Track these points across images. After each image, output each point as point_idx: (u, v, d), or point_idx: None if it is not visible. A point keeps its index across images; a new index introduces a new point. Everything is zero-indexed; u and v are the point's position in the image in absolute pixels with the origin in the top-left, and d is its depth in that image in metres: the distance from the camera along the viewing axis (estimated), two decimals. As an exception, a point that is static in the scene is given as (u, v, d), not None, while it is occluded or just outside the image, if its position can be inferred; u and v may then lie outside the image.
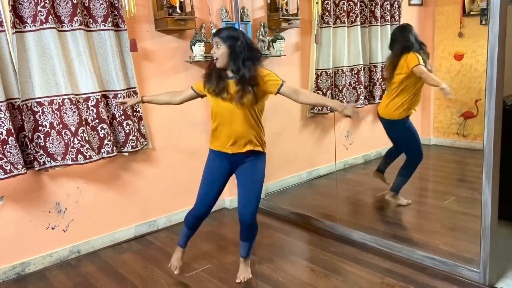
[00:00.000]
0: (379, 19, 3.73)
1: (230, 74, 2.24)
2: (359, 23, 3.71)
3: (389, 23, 3.78)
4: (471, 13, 3.84)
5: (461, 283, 2.34)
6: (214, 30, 3.34)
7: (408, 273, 2.47)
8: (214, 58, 2.23)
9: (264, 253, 2.87)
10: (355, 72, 3.86)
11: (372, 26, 3.73)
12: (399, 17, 3.82)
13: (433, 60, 4.21)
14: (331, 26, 3.68)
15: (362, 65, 3.82)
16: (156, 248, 3.05)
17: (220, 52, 2.19)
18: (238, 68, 2.18)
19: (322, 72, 3.85)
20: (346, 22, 3.69)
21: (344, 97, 3.88)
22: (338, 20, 3.68)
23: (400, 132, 3.27)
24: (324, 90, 3.88)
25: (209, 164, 2.44)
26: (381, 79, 3.92)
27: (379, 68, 3.82)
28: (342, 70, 3.81)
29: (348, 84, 3.88)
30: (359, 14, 3.70)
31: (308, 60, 4.03)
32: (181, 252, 2.61)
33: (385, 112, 3.23)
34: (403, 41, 3.05)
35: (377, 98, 3.98)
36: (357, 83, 3.91)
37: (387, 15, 3.74)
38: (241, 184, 2.37)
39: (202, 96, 2.43)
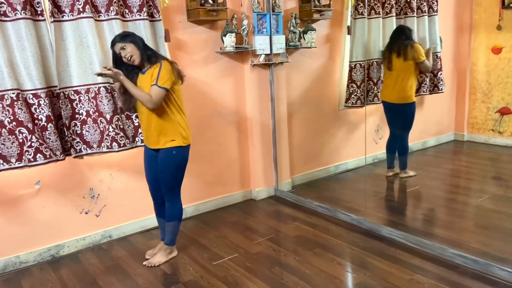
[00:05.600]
0: (415, 10, 3.62)
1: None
2: (394, 14, 3.62)
3: (426, 14, 3.67)
4: (511, 5, 3.70)
5: (493, 283, 2.28)
6: (245, 21, 3.35)
7: (438, 271, 2.43)
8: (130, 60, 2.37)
9: (290, 244, 2.87)
10: None
11: (408, 18, 3.63)
12: (436, 8, 3.71)
13: (470, 53, 4.08)
14: (365, 17, 3.61)
15: (397, 58, 3.73)
16: (184, 235, 3.10)
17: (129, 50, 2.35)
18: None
19: (356, 64, 3.78)
20: (381, 13, 3.61)
21: (379, 90, 3.80)
22: (372, 11, 3.60)
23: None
24: (358, 83, 3.82)
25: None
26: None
27: (417, 61, 3.72)
28: (376, 62, 3.73)
29: (383, 76, 3.80)
30: (394, 5, 3.60)
31: (339, 52, 3.98)
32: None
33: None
34: None
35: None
36: None
37: (424, 5, 3.63)
38: None
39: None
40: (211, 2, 3.12)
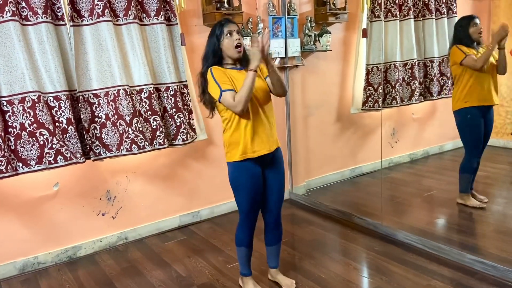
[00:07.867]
0: (434, 12, 3.58)
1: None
2: (412, 17, 3.58)
3: (445, 15, 3.62)
4: (529, 7, 3.63)
5: (514, 290, 2.24)
6: (260, 25, 3.36)
7: (456, 277, 2.39)
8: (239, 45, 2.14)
9: (306, 248, 2.86)
10: (409, 67, 3.72)
11: (426, 20, 3.59)
12: (455, 10, 3.66)
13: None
14: (382, 20, 3.58)
15: (416, 60, 3.69)
16: (199, 238, 3.12)
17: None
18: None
19: (373, 67, 3.75)
20: (398, 16, 3.58)
21: (397, 93, 3.76)
22: (389, 13, 3.57)
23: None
24: (376, 86, 3.79)
25: None
26: (438, 75, 3.76)
27: (435, 63, 3.65)
28: (394, 65, 3.69)
29: (401, 79, 3.76)
30: (412, 7, 3.57)
31: (354, 55, 3.96)
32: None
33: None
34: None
35: (435, 95, 3.80)
36: (411, 78, 3.77)
37: (442, 7, 3.58)
38: None
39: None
40: (226, 6, 3.14)
